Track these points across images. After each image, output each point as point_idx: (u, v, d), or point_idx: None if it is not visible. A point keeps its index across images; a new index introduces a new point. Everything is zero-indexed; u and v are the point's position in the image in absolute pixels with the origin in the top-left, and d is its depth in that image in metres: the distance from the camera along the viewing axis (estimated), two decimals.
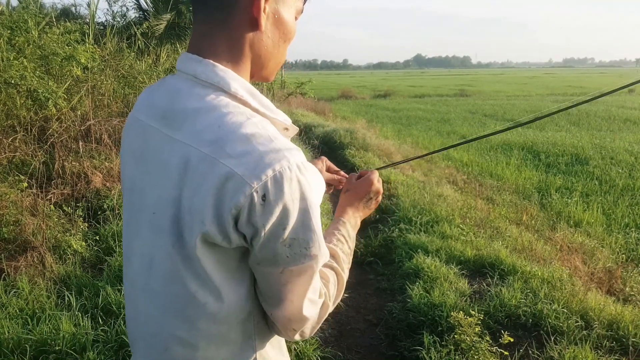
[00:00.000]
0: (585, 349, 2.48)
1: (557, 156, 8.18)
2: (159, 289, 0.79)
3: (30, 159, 4.10)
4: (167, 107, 0.80)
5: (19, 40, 4.30)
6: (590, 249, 4.16)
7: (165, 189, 0.74)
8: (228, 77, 0.78)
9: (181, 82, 0.81)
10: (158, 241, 0.76)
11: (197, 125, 0.74)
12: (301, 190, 0.71)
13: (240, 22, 0.79)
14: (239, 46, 0.81)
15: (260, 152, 0.69)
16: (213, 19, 0.80)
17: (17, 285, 2.99)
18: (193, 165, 0.71)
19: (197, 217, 0.70)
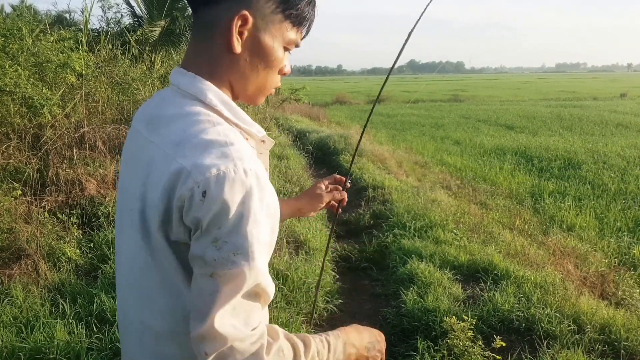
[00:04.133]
0: (577, 353, 2.51)
1: (550, 161, 8.25)
2: (135, 282, 0.84)
3: (24, 166, 4.09)
4: (152, 114, 0.87)
5: (13, 48, 4.30)
6: (583, 253, 4.19)
7: (137, 186, 0.80)
8: (205, 89, 0.83)
9: (168, 92, 0.88)
10: (133, 235, 0.81)
11: (169, 129, 0.80)
12: (243, 195, 0.73)
13: (219, 42, 0.83)
14: (218, 64, 0.85)
15: (212, 154, 0.74)
16: (200, 36, 0.86)
17: (10, 294, 2.97)
18: (155, 163, 0.78)
19: (155, 210, 0.76)
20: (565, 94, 30.28)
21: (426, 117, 16.36)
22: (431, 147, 10.10)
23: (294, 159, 7.74)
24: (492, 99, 26.74)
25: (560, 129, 12.64)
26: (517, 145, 9.83)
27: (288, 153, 8.01)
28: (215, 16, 0.82)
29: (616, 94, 28.82)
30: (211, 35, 0.84)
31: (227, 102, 0.85)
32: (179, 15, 13.21)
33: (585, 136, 11.27)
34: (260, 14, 0.83)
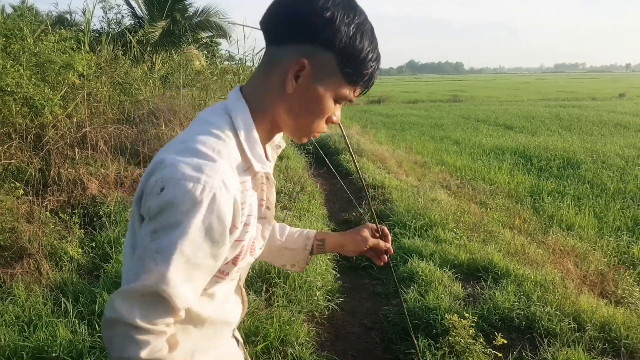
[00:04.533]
0: (578, 350, 2.52)
1: (549, 160, 8.26)
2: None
3: (26, 166, 4.10)
4: (200, 114, 0.97)
5: (15, 48, 4.31)
6: (583, 252, 4.21)
7: None
8: (239, 110, 0.92)
9: (224, 101, 0.97)
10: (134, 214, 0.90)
11: (190, 127, 0.91)
12: (188, 207, 0.77)
13: (276, 79, 0.91)
14: (269, 96, 0.92)
15: (191, 162, 0.80)
16: (263, 68, 0.94)
17: (13, 293, 2.98)
18: (157, 155, 0.87)
19: (139, 187, 0.86)
20: (564, 94, 30.31)
21: (425, 117, 16.38)
22: (431, 147, 10.12)
23: (295, 158, 7.76)
24: (491, 99, 26.77)
25: (559, 129, 12.66)
26: (516, 145, 9.85)
27: (288, 153, 8.03)
28: (280, 56, 0.89)
29: (615, 94, 28.86)
30: (272, 71, 0.91)
31: (250, 129, 0.91)
32: (180, 16, 13.24)
33: (584, 136, 11.30)
34: (319, 65, 0.88)
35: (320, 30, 0.85)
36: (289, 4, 0.88)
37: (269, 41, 0.92)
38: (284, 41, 0.88)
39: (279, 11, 0.89)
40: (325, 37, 0.86)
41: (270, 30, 0.91)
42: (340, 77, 0.89)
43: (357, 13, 0.88)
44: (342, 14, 0.86)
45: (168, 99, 7.18)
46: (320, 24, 0.85)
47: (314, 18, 0.85)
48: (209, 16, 14.03)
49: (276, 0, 0.90)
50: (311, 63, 0.87)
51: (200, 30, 14.51)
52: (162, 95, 7.27)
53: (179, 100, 7.25)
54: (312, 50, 0.87)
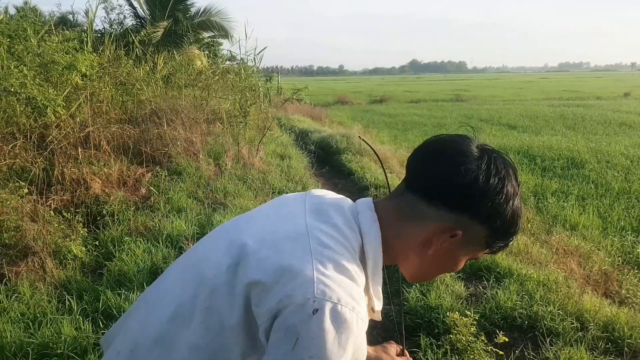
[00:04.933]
0: (580, 350, 2.52)
1: (553, 160, 8.24)
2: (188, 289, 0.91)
3: (30, 166, 4.13)
4: (322, 207, 0.93)
5: (18, 49, 4.34)
6: (586, 252, 4.20)
7: (258, 233, 0.90)
8: (371, 235, 0.89)
9: (346, 205, 0.94)
10: (221, 259, 0.89)
11: (324, 229, 0.87)
12: (346, 337, 0.76)
13: (419, 232, 0.89)
14: (404, 241, 0.91)
15: (342, 282, 0.79)
16: (406, 207, 0.90)
17: (18, 290, 3.01)
18: (293, 240, 0.85)
19: (256, 274, 0.82)
20: (568, 94, 30.21)
21: (428, 117, 16.37)
22: None
23: (296, 158, 7.77)
24: (495, 99, 26.70)
25: (564, 129, 12.62)
26: (519, 144, 9.82)
27: (290, 152, 8.04)
28: (429, 215, 0.87)
29: (620, 93, 28.75)
30: (414, 222, 0.89)
31: (378, 266, 0.90)
32: (181, 16, 13.27)
33: (589, 135, 11.26)
34: (469, 235, 0.87)
35: (485, 208, 0.84)
36: (456, 172, 0.84)
37: (414, 188, 0.89)
38: (437, 203, 0.86)
39: (440, 173, 0.86)
40: (486, 216, 0.85)
41: (420, 182, 0.89)
42: (483, 245, 0.90)
43: (518, 191, 0.88)
44: (507, 196, 0.85)
45: (170, 99, 7.21)
46: (486, 203, 0.84)
47: (481, 196, 0.84)
48: (211, 16, 14.05)
49: (437, 156, 0.88)
50: (463, 234, 0.86)
51: (202, 30, 14.53)
52: (164, 95, 7.30)
53: (181, 100, 7.28)
54: (467, 222, 0.86)
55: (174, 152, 6.00)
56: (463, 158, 0.85)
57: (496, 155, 0.88)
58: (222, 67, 9.55)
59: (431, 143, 0.92)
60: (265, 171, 6.46)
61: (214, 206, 4.86)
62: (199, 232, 4.11)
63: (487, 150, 0.88)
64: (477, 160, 0.85)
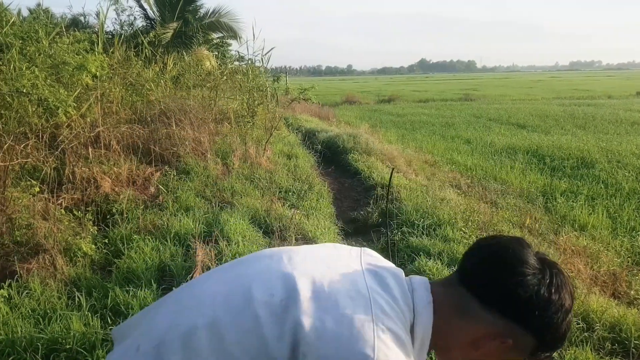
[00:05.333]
0: (586, 350, 2.52)
1: (563, 160, 8.18)
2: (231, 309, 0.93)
3: (42, 165, 4.19)
4: (382, 266, 0.97)
5: (30, 50, 4.41)
6: (595, 252, 4.17)
7: (314, 279, 0.92)
8: (424, 317, 0.90)
9: (401, 277, 0.96)
10: (262, 294, 0.91)
11: (387, 298, 0.88)
12: None
13: (467, 329, 0.90)
14: (449, 333, 0.92)
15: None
16: (459, 302, 0.91)
17: (29, 287, 3.07)
18: (350, 298, 0.87)
19: (302, 332, 0.85)
20: (579, 93, 29.91)
21: (436, 117, 16.30)
22: (441, 146, 10.08)
23: (303, 157, 7.80)
24: (504, 98, 26.52)
25: (574, 128, 12.52)
26: (529, 144, 9.77)
27: (297, 152, 8.07)
28: (481, 316, 0.89)
29: (632, 92, 28.41)
30: (469, 320, 0.90)
31: (425, 344, 0.90)
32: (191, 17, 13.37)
33: (599, 135, 11.15)
34: (517, 343, 0.89)
35: (541, 322, 0.86)
36: (518, 284, 0.86)
37: (470, 286, 0.91)
38: (492, 307, 0.87)
39: (501, 281, 0.87)
40: (540, 329, 0.87)
41: (477, 283, 0.90)
42: (527, 353, 0.91)
43: (571, 302, 0.90)
44: (564, 313, 0.87)
45: (179, 99, 7.27)
46: (544, 318, 0.86)
47: (541, 311, 0.86)
48: (220, 17, 14.15)
49: (498, 263, 0.89)
50: (512, 343, 0.88)
51: (211, 31, 14.63)
52: (173, 96, 7.37)
53: (190, 101, 7.34)
54: (518, 332, 0.87)
55: (182, 151, 6.05)
56: (525, 269, 0.87)
57: (557, 271, 0.90)
58: (230, 68, 9.60)
59: (490, 246, 0.94)
60: (272, 170, 6.49)
61: (221, 205, 4.91)
62: (206, 230, 4.15)
63: (547, 263, 0.90)
64: (538, 273, 0.87)
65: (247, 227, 4.31)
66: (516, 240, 0.94)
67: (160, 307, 1.02)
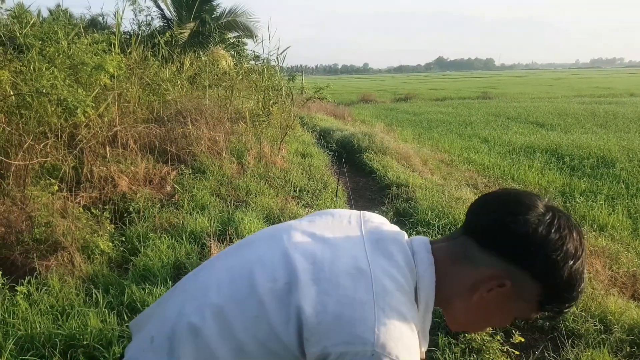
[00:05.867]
0: (603, 352, 2.47)
1: (582, 159, 8.04)
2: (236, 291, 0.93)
3: (61, 164, 4.27)
4: (380, 236, 0.94)
5: (50, 51, 4.49)
6: (614, 253, 4.09)
7: (317, 258, 0.90)
8: (426, 279, 0.88)
9: (401, 239, 0.94)
10: (271, 271, 0.91)
11: (385, 266, 0.87)
12: None
13: (467, 277, 0.88)
14: (450, 285, 0.89)
15: (402, 338, 0.79)
16: (460, 250, 0.89)
17: (48, 283, 3.13)
18: (354, 275, 0.86)
19: (311, 306, 0.84)
20: (600, 91, 29.32)
21: (454, 115, 16.15)
22: (458, 145, 9.98)
23: (318, 156, 7.80)
24: (523, 96, 26.15)
25: (594, 127, 12.28)
26: (547, 143, 9.62)
27: (312, 151, 8.08)
28: (480, 259, 0.86)
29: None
30: (465, 267, 0.88)
31: (429, 305, 0.89)
32: (208, 17, 13.47)
33: (620, 134, 10.93)
34: (519, 289, 0.84)
35: (539, 263, 0.82)
36: (514, 220, 0.83)
37: (471, 231, 0.89)
38: (490, 248, 0.85)
39: (498, 220, 0.85)
40: (540, 271, 0.82)
41: (477, 226, 0.88)
42: (534, 305, 0.86)
43: (581, 254, 0.84)
44: (566, 255, 0.82)
45: (195, 98, 7.33)
46: (541, 257, 0.81)
47: (537, 249, 0.81)
48: (236, 16, 14.22)
49: (499, 204, 0.87)
50: (513, 286, 0.84)
51: (227, 31, 14.72)
52: (189, 95, 7.43)
53: (205, 100, 7.40)
54: (518, 275, 0.83)
55: (198, 150, 6.11)
56: (525, 209, 0.83)
57: (561, 214, 0.85)
58: (245, 67, 9.64)
59: (497, 192, 0.92)
60: (286, 169, 6.51)
61: (236, 204, 4.94)
62: (221, 229, 4.18)
63: (553, 208, 0.86)
64: (540, 214, 0.83)
65: (261, 225, 4.33)
66: (526, 190, 0.91)
67: (170, 297, 1.03)
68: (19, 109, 4.04)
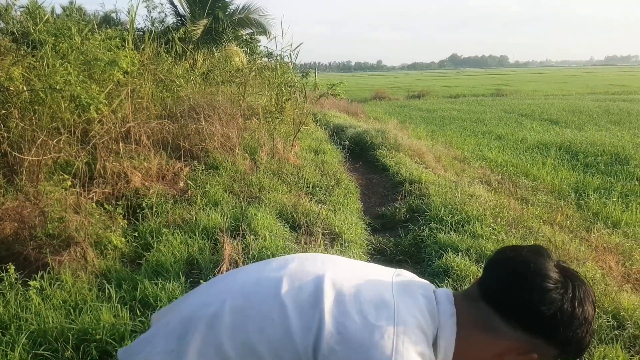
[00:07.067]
0: (616, 348, 2.44)
1: (596, 156, 7.93)
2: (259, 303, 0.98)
3: (74, 160, 4.31)
4: (409, 280, 1.01)
5: (63, 47, 4.53)
6: (627, 250, 4.04)
7: (338, 290, 0.96)
8: (447, 330, 0.92)
9: (420, 293, 0.97)
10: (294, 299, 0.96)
11: (404, 314, 0.90)
12: None
13: (489, 343, 0.92)
14: (473, 346, 0.93)
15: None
16: (481, 317, 0.93)
17: (60, 278, 3.15)
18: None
19: (326, 337, 0.89)
20: (614, 88, 28.87)
21: (467, 112, 16.01)
22: (471, 142, 9.90)
23: (331, 153, 7.79)
24: (537, 94, 25.85)
25: (608, 124, 12.10)
26: (561, 140, 9.50)
27: (325, 147, 8.07)
28: (504, 331, 0.90)
29: None
30: (492, 335, 0.91)
31: (449, 356, 0.92)
32: (221, 13, 13.50)
33: (635, 131, 10.76)
34: (539, 353, 0.90)
35: (563, 335, 0.87)
36: (541, 301, 0.87)
37: (493, 302, 0.92)
38: (515, 323, 0.89)
39: (524, 298, 0.88)
40: (563, 342, 0.88)
41: (501, 299, 0.91)
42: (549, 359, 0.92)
43: (593, 314, 0.91)
44: (587, 326, 0.89)
45: (208, 95, 7.36)
46: (567, 331, 0.87)
47: (565, 326, 0.87)
48: (249, 13, 14.23)
49: (519, 279, 0.90)
50: (537, 356, 0.90)
51: (241, 28, 14.74)
52: (202, 92, 7.46)
53: (219, 96, 7.42)
54: (541, 346, 0.89)
55: (211, 146, 6.13)
56: (547, 284, 0.87)
57: (579, 283, 0.90)
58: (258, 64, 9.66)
59: (510, 260, 0.93)
60: (299, 166, 6.51)
61: (249, 200, 4.95)
62: (234, 225, 4.20)
63: (568, 275, 0.90)
64: (561, 287, 0.88)
65: (274, 222, 4.34)
66: (536, 250, 0.93)
67: (193, 293, 1.10)
68: (33, 104, 4.07)
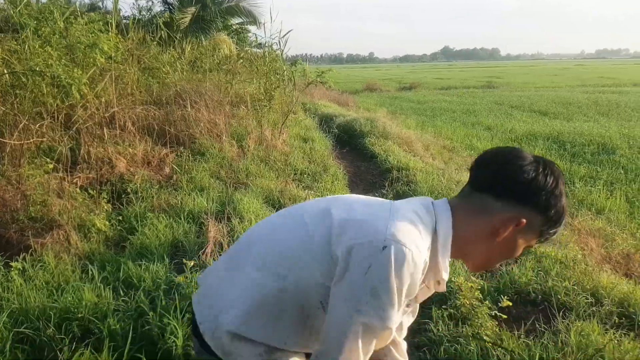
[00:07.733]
0: (592, 322, 2.48)
1: (583, 146, 8.01)
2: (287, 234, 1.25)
3: (57, 145, 4.27)
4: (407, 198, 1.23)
5: (45, 31, 4.47)
6: (609, 234, 4.09)
7: (355, 204, 1.22)
8: (444, 219, 1.10)
9: (419, 202, 1.17)
10: (318, 214, 1.22)
11: (403, 212, 1.11)
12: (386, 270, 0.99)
13: (486, 226, 1.09)
14: (474, 233, 1.11)
15: (408, 237, 1.02)
16: (475, 205, 1.11)
17: (43, 260, 3.12)
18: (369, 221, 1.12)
19: (341, 228, 1.11)
20: (604, 81, 29.07)
21: (458, 104, 16.06)
22: (461, 132, 9.94)
23: (319, 141, 7.78)
24: (527, 86, 25.97)
25: (596, 115, 12.21)
26: (549, 130, 9.57)
27: (314, 135, 8.06)
28: (497, 208, 1.08)
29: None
30: (487, 214, 1.09)
31: (448, 236, 1.10)
32: (210, 1, 13.36)
33: (622, 122, 10.87)
34: (530, 223, 1.07)
35: (542, 200, 1.05)
36: (520, 171, 1.05)
37: (483, 188, 1.10)
38: (506, 198, 1.06)
39: (506, 173, 1.06)
40: (545, 206, 1.06)
41: (489, 182, 1.09)
42: (537, 233, 1.10)
43: (563, 184, 1.09)
44: (560, 189, 1.07)
45: (195, 81, 7.30)
46: (544, 196, 1.05)
47: (540, 190, 1.05)
48: (239, 1, 14.09)
49: (500, 161, 1.09)
50: (525, 222, 1.06)
51: (230, 16, 14.60)
52: (189, 79, 7.40)
53: (206, 83, 7.37)
54: (528, 212, 1.06)
55: (197, 133, 6.10)
56: (522, 161, 1.06)
57: (548, 161, 1.10)
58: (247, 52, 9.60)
59: (491, 151, 1.14)
60: (287, 153, 6.50)
61: (235, 186, 4.94)
62: (220, 209, 4.19)
63: (539, 157, 1.10)
64: (534, 163, 1.07)
65: (260, 206, 4.34)
66: (513, 147, 1.13)
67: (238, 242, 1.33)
68: (14, 88, 4.02)
